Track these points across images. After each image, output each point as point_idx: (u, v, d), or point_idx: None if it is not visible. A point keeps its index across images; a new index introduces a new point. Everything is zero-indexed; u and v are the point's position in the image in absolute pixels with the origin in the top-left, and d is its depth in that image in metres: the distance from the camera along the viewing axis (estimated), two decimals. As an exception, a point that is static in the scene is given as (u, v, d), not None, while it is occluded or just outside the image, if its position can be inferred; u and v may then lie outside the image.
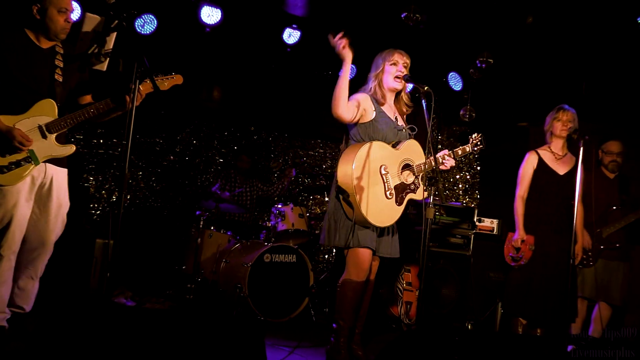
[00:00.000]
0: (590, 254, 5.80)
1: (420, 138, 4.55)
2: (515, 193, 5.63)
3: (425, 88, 4.12)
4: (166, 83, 4.26)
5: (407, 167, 4.44)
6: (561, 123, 5.49)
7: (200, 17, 6.97)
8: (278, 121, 8.89)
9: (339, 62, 4.25)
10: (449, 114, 9.06)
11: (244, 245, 6.58)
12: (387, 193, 4.28)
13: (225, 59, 8.03)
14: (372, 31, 7.24)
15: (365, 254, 4.36)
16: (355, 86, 4.62)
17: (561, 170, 5.54)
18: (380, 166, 4.28)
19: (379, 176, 4.28)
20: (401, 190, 4.37)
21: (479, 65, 7.63)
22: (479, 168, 9.67)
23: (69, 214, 4.28)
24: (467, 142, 4.87)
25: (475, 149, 4.84)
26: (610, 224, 5.88)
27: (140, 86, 4.01)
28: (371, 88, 4.53)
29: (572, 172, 5.47)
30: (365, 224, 4.30)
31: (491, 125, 9.06)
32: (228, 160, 8.49)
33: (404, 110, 4.66)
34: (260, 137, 8.85)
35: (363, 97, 4.44)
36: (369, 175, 4.23)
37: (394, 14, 6.77)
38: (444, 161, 4.54)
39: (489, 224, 7.14)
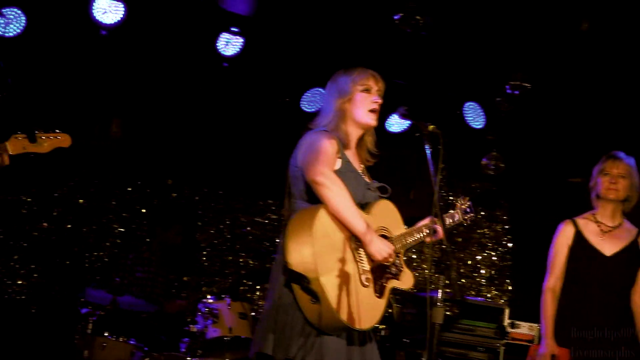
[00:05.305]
0: None
1: (421, 198, 4.52)
2: (542, 284, 5.57)
3: (430, 127, 4.08)
4: (46, 144, 4.42)
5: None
6: (608, 179, 5.39)
7: (93, 14, 6.93)
8: (209, 172, 8.84)
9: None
10: (465, 163, 9.09)
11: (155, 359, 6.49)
12: (363, 278, 4.10)
13: (130, 77, 7.97)
14: (350, 38, 7.25)
15: None
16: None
17: (607, 249, 5.44)
18: (349, 237, 4.12)
19: (349, 252, 4.10)
20: (380, 274, 4.24)
21: (509, 91, 7.70)
22: (510, 245, 9.62)
23: None
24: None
25: (466, 217, 4.93)
26: None
27: (7, 144, 4.18)
28: (332, 123, 4.42)
29: (623, 253, 5.41)
30: (333, 327, 4.07)
31: (527, 180, 9.08)
32: (132, 228, 8.40)
33: (366, 159, 4.58)
34: (182, 195, 8.80)
35: (334, 145, 4.28)
36: (334, 252, 4.04)
37: (385, 16, 6.81)
38: (430, 230, 4.43)
39: (527, 330, 7.15)
